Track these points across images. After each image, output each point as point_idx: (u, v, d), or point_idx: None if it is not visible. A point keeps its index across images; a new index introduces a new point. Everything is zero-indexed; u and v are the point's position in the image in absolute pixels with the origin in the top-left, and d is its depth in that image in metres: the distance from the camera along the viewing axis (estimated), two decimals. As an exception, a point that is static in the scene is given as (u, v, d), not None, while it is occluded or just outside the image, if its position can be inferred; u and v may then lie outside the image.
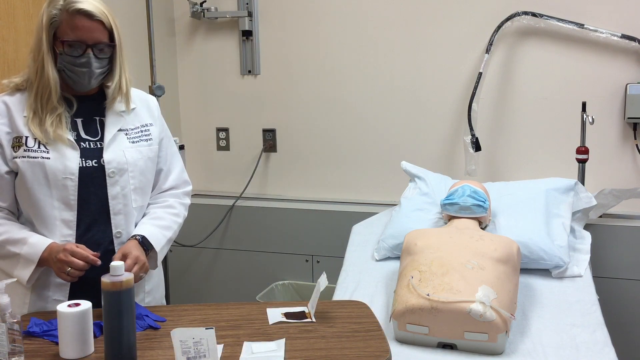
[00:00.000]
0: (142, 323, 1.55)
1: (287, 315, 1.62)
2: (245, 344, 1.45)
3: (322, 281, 1.64)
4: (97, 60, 1.65)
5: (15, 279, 1.51)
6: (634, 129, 2.75)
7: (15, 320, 1.33)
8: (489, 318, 1.73)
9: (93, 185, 1.68)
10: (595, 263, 2.52)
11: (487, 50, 2.83)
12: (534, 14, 2.76)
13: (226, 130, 3.34)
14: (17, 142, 1.65)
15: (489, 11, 2.84)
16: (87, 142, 1.71)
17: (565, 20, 2.73)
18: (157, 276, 1.89)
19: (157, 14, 3.07)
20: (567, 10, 2.73)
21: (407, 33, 2.98)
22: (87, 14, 1.61)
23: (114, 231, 1.72)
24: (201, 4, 3.19)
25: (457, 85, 2.94)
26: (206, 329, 1.30)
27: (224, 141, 3.35)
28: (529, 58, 2.84)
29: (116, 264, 1.34)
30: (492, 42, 2.82)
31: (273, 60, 3.21)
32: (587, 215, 2.53)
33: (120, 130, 1.75)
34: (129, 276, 1.35)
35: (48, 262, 1.62)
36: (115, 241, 1.72)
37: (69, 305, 1.39)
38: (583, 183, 2.61)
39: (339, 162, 3.18)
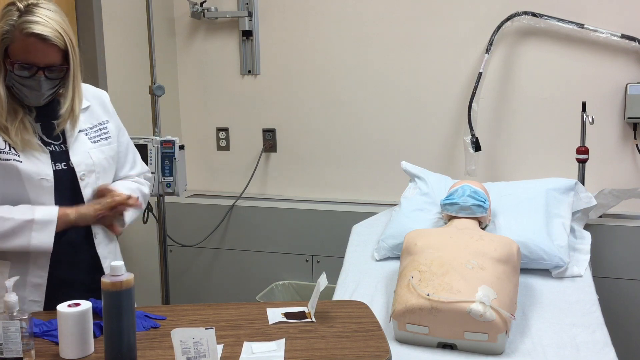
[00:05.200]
0: (144, 323, 1.55)
1: (287, 315, 1.62)
2: (245, 344, 1.45)
3: (322, 281, 1.64)
4: (48, 82, 1.61)
5: (17, 277, 1.50)
6: (634, 129, 2.75)
7: (24, 318, 1.34)
8: (489, 318, 1.73)
9: (65, 188, 1.68)
10: (595, 263, 2.52)
11: (487, 50, 2.83)
12: (534, 14, 2.76)
13: (226, 130, 3.34)
14: None
15: (489, 11, 2.84)
16: (52, 146, 1.69)
17: (565, 20, 2.73)
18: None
19: (157, 14, 3.06)
20: (567, 10, 2.73)
21: (407, 33, 2.98)
22: (42, 38, 1.55)
23: (94, 231, 1.73)
24: (201, 4, 3.19)
25: (457, 85, 2.94)
26: (206, 329, 1.30)
27: (224, 141, 3.35)
28: (529, 58, 2.84)
29: (116, 264, 1.34)
30: (492, 42, 2.82)
31: (273, 60, 3.21)
32: (587, 215, 2.53)
33: (80, 131, 1.73)
34: (129, 276, 1.35)
35: (69, 220, 1.62)
36: (96, 241, 1.74)
37: (69, 305, 1.39)
38: (583, 183, 2.61)
39: (339, 162, 3.18)
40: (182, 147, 2.70)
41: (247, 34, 3.20)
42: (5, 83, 1.60)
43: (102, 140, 1.77)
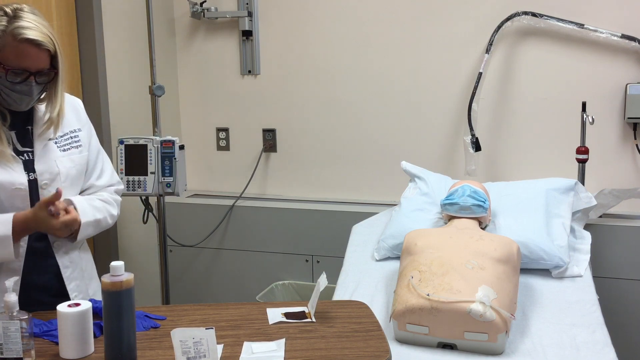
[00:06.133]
0: (144, 323, 1.55)
1: (287, 315, 1.62)
2: (245, 344, 1.45)
3: (322, 281, 1.64)
4: (37, 86, 1.61)
5: (17, 277, 1.50)
6: (634, 129, 2.75)
7: (24, 318, 1.34)
8: (489, 318, 1.73)
9: (35, 198, 1.66)
10: (595, 263, 2.52)
11: (487, 50, 2.83)
12: (534, 14, 2.76)
13: (226, 130, 3.34)
14: None
15: (489, 11, 2.84)
16: (24, 154, 1.67)
17: (565, 20, 2.73)
18: (89, 270, 1.85)
19: (157, 14, 3.07)
20: (567, 10, 2.73)
21: (407, 33, 2.98)
22: (35, 44, 1.55)
23: (51, 242, 1.72)
24: (201, 4, 3.19)
25: (457, 85, 2.94)
26: (206, 329, 1.30)
27: (224, 141, 3.35)
28: (529, 58, 2.84)
29: (116, 264, 1.34)
30: (492, 42, 2.82)
31: (273, 60, 3.21)
32: (587, 215, 2.53)
33: (49, 139, 1.71)
34: (129, 276, 1.35)
35: (29, 229, 1.60)
36: (55, 251, 1.72)
37: (69, 305, 1.39)
38: (583, 183, 2.61)
39: (339, 162, 3.18)
40: (182, 147, 2.70)
41: (247, 34, 3.20)
42: None
43: (72, 148, 1.75)
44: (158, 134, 2.75)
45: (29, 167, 1.67)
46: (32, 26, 1.55)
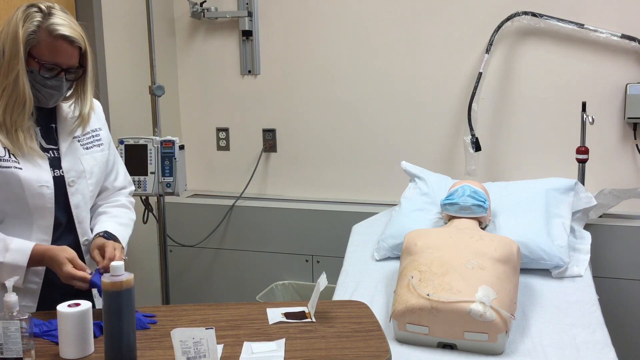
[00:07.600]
0: (140, 323, 1.55)
1: (287, 315, 1.62)
2: (245, 344, 1.45)
3: (322, 281, 1.64)
4: (67, 83, 1.65)
5: (17, 277, 1.50)
6: (634, 129, 2.75)
7: (24, 318, 1.34)
8: (489, 318, 1.73)
9: (60, 194, 1.68)
10: (595, 263, 2.52)
11: (487, 50, 2.83)
12: (534, 14, 2.76)
13: (226, 130, 3.34)
14: None
15: (489, 11, 2.84)
16: (49, 152, 1.69)
17: (565, 20, 2.73)
18: None
19: (157, 14, 3.07)
20: (567, 10, 2.74)
21: (407, 33, 2.98)
22: (69, 40, 1.59)
23: (81, 240, 1.73)
24: (201, 4, 3.19)
25: (457, 85, 2.94)
26: (206, 329, 1.30)
27: (224, 141, 3.35)
28: (529, 58, 2.84)
29: (116, 264, 1.34)
30: (492, 42, 2.82)
31: (273, 60, 3.21)
32: (587, 215, 2.53)
33: (73, 137, 1.74)
34: (129, 276, 1.35)
35: (42, 265, 1.61)
36: (83, 249, 1.74)
37: (69, 305, 1.39)
38: (583, 183, 2.61)
39: (339, 162, 3.18)
40: (182, 147, 2.70)
41: (247, 34, 3.20)
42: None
43: (94, 147, 1.78)
44: (158, 134, 2.75)
45: (54, 164, 1.68)
46: (66, 23, 1.60)
